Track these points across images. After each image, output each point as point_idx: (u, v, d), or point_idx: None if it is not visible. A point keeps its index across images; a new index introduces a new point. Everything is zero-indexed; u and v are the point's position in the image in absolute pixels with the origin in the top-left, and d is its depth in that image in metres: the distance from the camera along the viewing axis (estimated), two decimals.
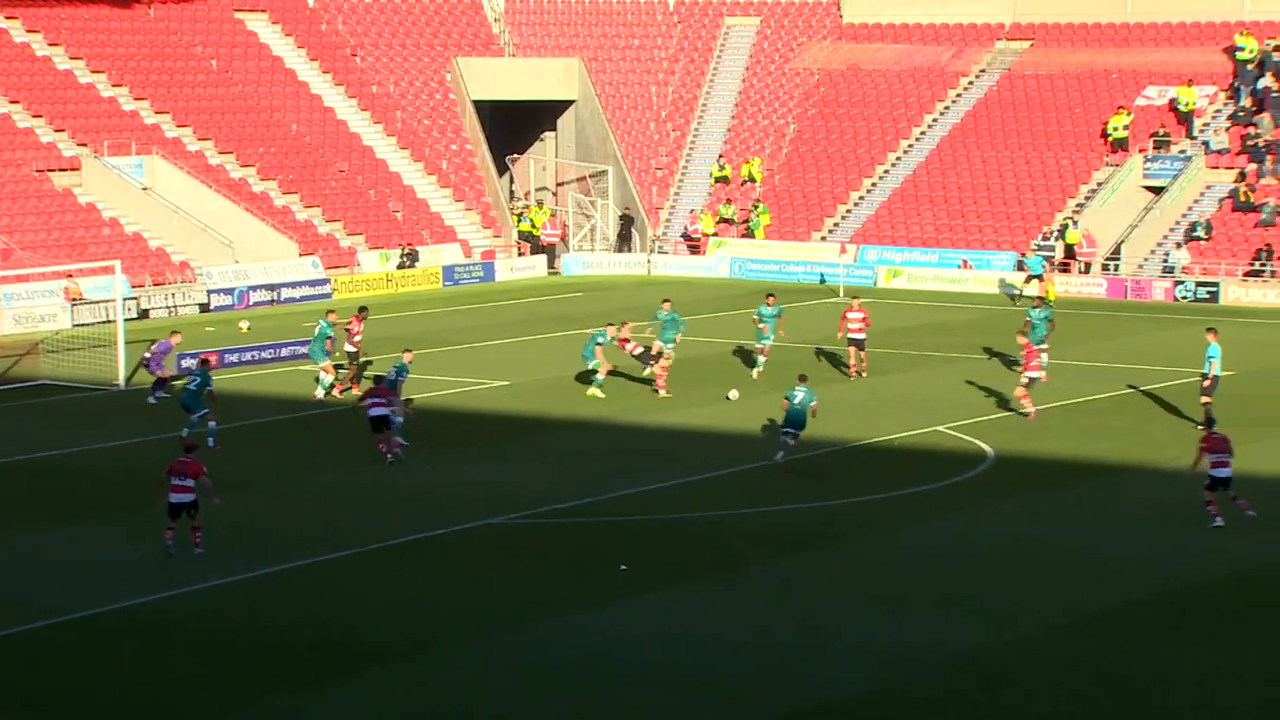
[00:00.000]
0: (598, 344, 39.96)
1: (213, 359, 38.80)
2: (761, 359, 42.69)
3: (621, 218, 68.62)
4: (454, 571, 26.66)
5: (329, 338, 39.50)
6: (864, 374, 42.13)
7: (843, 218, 66.55)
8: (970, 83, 69.98)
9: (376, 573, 26.62)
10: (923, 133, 68.75)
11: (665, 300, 43.55)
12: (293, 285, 57.35)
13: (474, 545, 28.17)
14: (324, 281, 58.48)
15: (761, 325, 42.68)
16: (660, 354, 40.85)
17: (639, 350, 41.27)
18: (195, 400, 34.90)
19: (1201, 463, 28.89)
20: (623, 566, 26.52)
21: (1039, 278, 56.90)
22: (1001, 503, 30.56)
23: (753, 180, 68.91)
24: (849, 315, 42.27)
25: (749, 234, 66.56)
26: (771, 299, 43.23)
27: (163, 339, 40.45)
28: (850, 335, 42.25)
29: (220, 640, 23.33)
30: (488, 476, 32.84)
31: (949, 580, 26.09)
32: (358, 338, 40.53)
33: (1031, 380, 37.70)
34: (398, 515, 29.85)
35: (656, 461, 33.93)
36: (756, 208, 66.91)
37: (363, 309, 42.02)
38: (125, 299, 49.11)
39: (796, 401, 33.01)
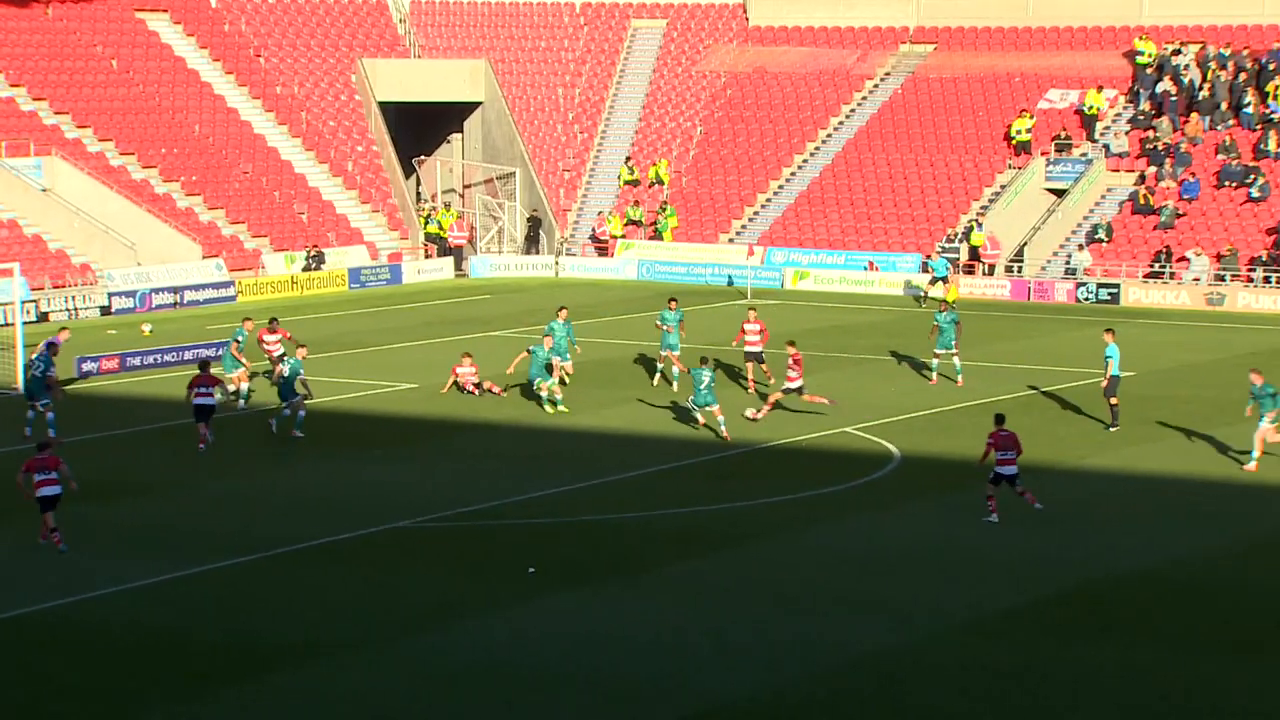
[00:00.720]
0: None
1: (60, 339, 37.62)
2: (668, 368, 41.23)
3: (529, 220, 68.28)
4: (357, 575, 26.24)
5: (236, 341, 38.81)
6: (769, 382, 40.38)
7: (750, 220, 66.52)
8: (875, 85, 70.19)
9: (278, 577, 26.15)
10: (829, 135, 68.87)
11: (562, 308, 42.49)
12: (196, 288, 56.62)
13: (379, 548, 27.76)
14: (228, 284, 57.78)
15: (666, 328, 41.62)
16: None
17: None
18: (40, 387, 34.32)
19: (990, 457, 29.11)
20: (529, 569, 26.23)
21: (944, 280, 57.09)
22: (909, 504, 30.50)
23: (660, 182, 68.77)
24: (746, 327, 40.66)
25: (657, 236, 66.40)
26: (674, 303, 42.06)
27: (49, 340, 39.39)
28: (747, 348, 40.46)
29: (112, 648, 22.79)
30: (395, 479, 32.43)
31: (855, 581, 25.97)
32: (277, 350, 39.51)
33: (787, 391, 37.19)
34: (302, 519, 29.38)
35: (564, 464, 33.65)
36: (664, 210, 66.76)
37: (273, 320, 41.38)
38: (24, 301, 48.22)
39: (703, 385, 35.03)
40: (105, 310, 53.92)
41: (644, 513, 30.10)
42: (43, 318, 51.90)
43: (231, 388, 38.04)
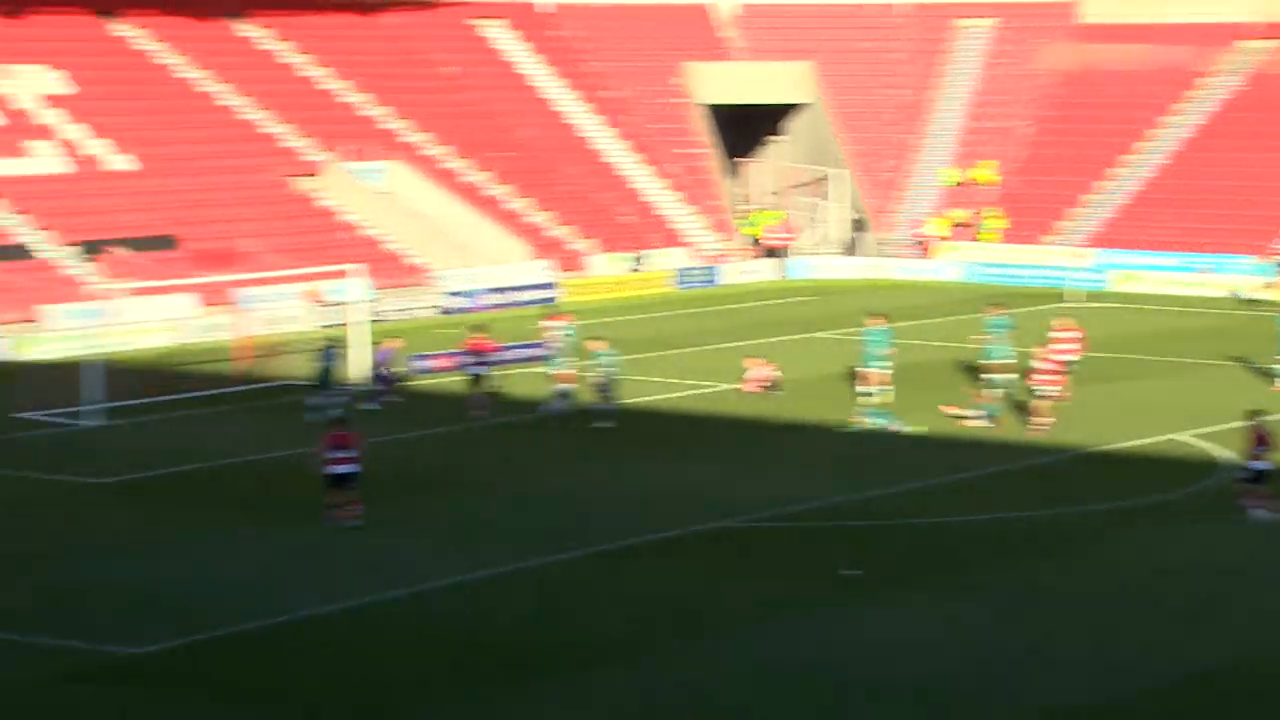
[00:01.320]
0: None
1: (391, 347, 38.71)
2: (1001, 377, 37.82)
3: (851, 221, 68.00)
4: (685, 573, 26.48)
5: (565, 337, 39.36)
6: (1066, 398, 37.00)
7: (1077, 221, 65.07)
8: (1212, 83, 67.94)
9: (603, 574, 26.56)
10: (1162, 134, 66.93)
11: (874, 314, 40.06)
12: (523, 289, 57.84)
13: (706, 547, 27.97)
14: (555, 285, 58.87)
15: (990, 336, 40.02)
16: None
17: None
18: (327, 379, 35.91)
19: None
20: (857, 571, 26.14)
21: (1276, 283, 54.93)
22: (1242, 513, 29.46)
23: (985, 183, 67.76)
24: (1060, 334, 38.54)
25: (980, 237, 65.44)
26: (998, 309, 40.45)
27: (384, 345, 40.77)
28: (1060, 357, 37.75)
29: (440, 641, 23.42)
30: (716, 479, 32.65)
31: (1183, 591, 25.21)
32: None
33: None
34: (626, 518, 29.77)
35: (885, 466, 33.42)
36: (988, 211, 65.76)
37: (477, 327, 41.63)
38: (364, 301, 49.95)
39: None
40: (439, 310, 55.47)
41: (965, 516, 29.72)
42: (380, 317, 53.56)
43: (563, 387, 38.43)
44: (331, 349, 38.57)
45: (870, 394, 36.94)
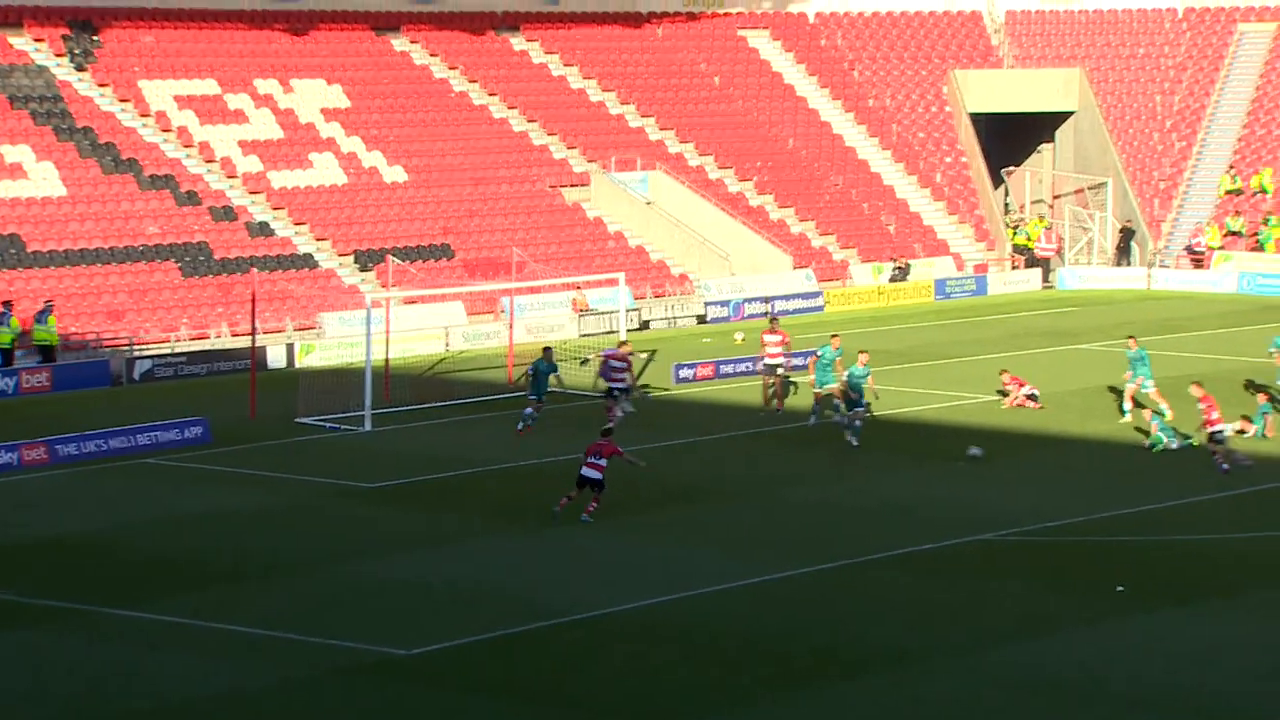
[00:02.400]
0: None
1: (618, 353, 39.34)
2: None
3: (1121, 231, 66.79)
4: (945, 585, 26.54)
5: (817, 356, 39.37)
6: None
7: None
8: None
9: (869, 583, 26.73)
10: None
11: (1130, 336, 40.02)
12: (786, 298, 58.09)
13: (964, 560, 27.98)
14: (817, 294, 59.02)
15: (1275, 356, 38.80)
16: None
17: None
18: (543, 384, 37.15)
19: None
20: (1119, 587, 25.91)
21: None
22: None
23: (1264, 192, 66.00)
24: None
25: (1258, 247, 63.77)
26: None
27: (609, 348, 41.08)
28: None
29: (713, 646, 23.85)
30: (979, 491, 32.55)
31: None
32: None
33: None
34: (886, 529, 29.89)
35: (1148, 480, 32.94)
36: (1267, 220, 64.05)
37: (774, 319, 41.85)
38: (628, 310, 50.73)
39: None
40: (701, 319, 56.05)
41: (1234, 534, 29.17)
42: (644, 326, 54.41)
43: (837, 401, 38.08)
44: (541, 360, 39.01)
45: (1163, 412, 36.52)
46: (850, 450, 35.99)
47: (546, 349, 40.30)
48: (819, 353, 38.48)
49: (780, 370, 39.36)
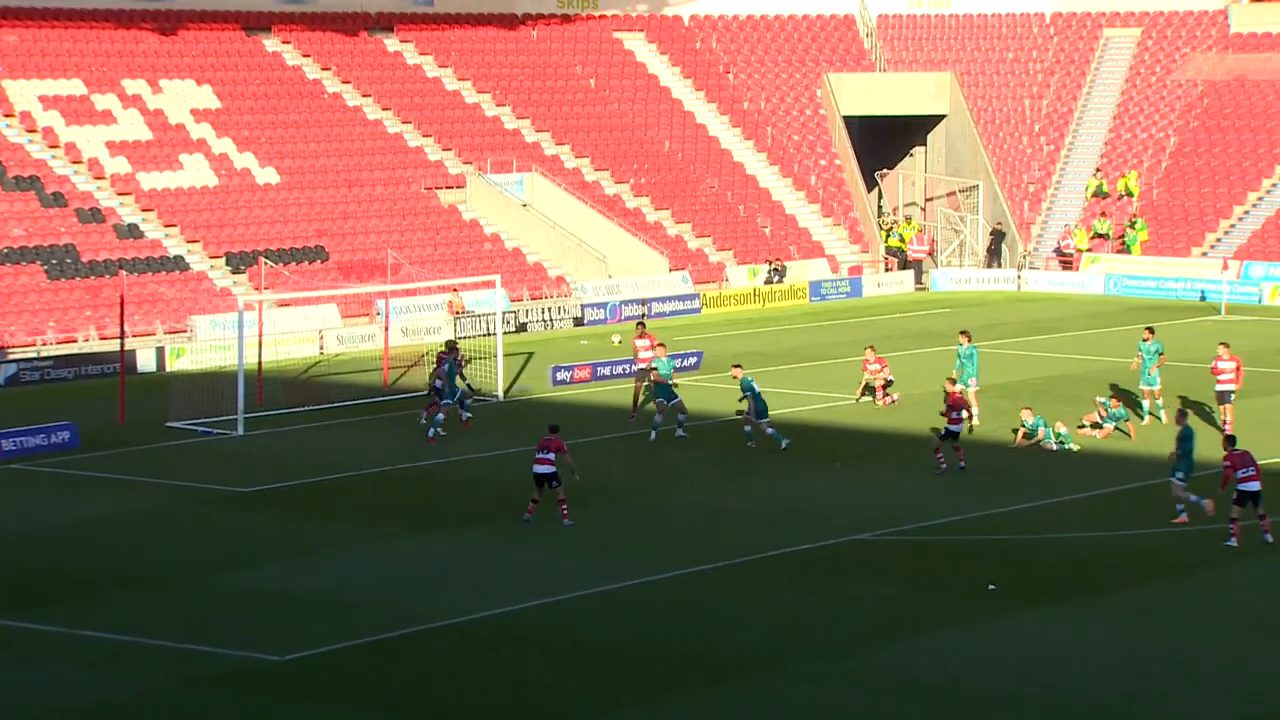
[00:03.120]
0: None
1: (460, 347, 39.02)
2: (1149, 403, 38.46)
3: (992, 233, 67.59)
4: (816, 587, 26.65)
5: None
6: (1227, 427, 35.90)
7: (1225, 233, 64.19)
8: None
9: (738, 587, 26.79)
10: None
11: (963, 333, 40.58)
12: (663, 300, 58.21)
13: (838, 561, 28.11)
14: (693, 296, 59.19)
15: (1143, 361, 39.10)
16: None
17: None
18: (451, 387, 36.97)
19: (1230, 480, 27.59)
20: (990, 586, 26.16)
21: None
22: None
23: (1129, 194, 67.07)
24: (1219, 365, 37.24)
25: (1125, 249, 64.80)
26: (1150, 334, 39.38)
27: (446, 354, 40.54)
28: (1219, 387, 37.32)
29: (579, 651, 23.79)
30: (854, 493, 32.76)
31: None
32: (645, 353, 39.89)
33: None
34: (762, 530, 29.98)
35: (1024, 481, 33.33)
36: (1133, 223, 65.10)
37: (641, 324, 41.95)
38: (505, 312, 50.58)
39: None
40: (578, 321, 56.00)
41: (1106, 532, 29.56)
42: (521, 328, 54.30)
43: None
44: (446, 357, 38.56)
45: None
46: (730, 452, 36.03)
47: (452, 344, 39.27)
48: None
49: (653, 375, 39.14)
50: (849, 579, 27.07)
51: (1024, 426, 36.40)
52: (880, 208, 71.09)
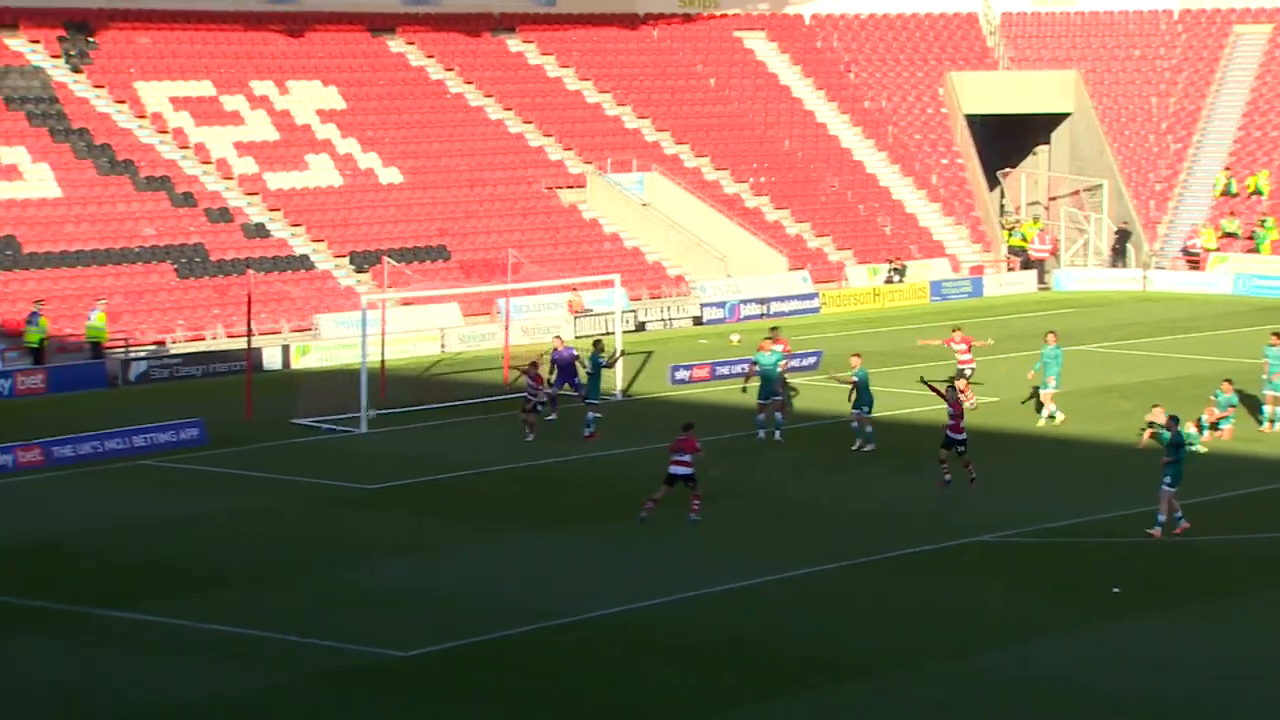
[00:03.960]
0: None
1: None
2: (1271, 409, 37.80)
3: (1117, 232, 66.75)
4: (937, 588, 26.49)
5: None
6: None
7: None
8: None
9: (860, 587, 26.68)
10: None
11: (1050, 333, 40.14)
12: (782, 299, 58.04)
13: (958, 562, 27.92)
14: (813, 295, 58.97)
15: (1270, 367, 37.74)
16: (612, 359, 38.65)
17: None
18: (595, 387, 37.08)
19: None
20: (1115, 589, 25.87)
21: None
22: None
23: (1259, 193, 65.95)
24: None
25: (1254, 249, 63.72)
26: (1277, 339, 38.59)
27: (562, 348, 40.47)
28: None
29: (699, 650, 23.80)
30: (977, 493, 32.48)
31: None
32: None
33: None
34: (883, 530, 29.86)
35: (1147, 483, 32.87)
36: (1263, 223, 64.00)
37: (774, 329, 40.82)
38: (624, 311, 50.67)
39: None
40: (697, 320, 55.98)
41: (1231, 536, 29.10)
42: (640, 327, 54.36)
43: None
44: (597, 353, 38.53)
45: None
46: (848, 452, 35.88)
47: (597, 342, 39.34)
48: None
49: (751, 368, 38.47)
50: (971, 580, 26.88)
51: (1151, 427, 35.84)
52: (1002, 207, 70.42)
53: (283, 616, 25.06)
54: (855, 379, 36.24)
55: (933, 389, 33.43)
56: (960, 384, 37.37)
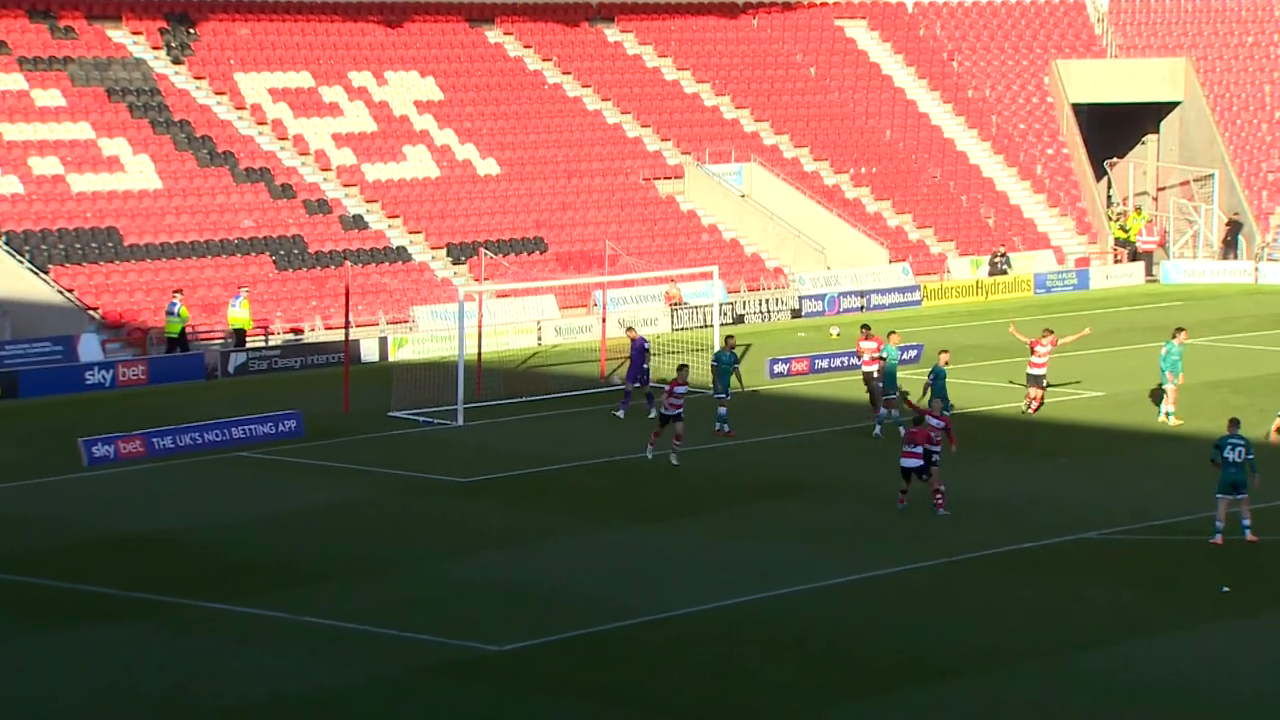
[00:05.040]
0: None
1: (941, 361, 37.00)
2: None
3: (1228, 224, 65.97)
4: (1040, 585, 26.37)
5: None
6: None
7: None
8: None
9: (960, 584, 26.61)
10: None
11: (1180, 330, 39.52)
12: (883, 292, 57.83)
13: (1062, 559, 27.77)
14: (914, 288, 58.72)
15: None
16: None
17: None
18: (726, 379, 36.53)
19: None
20: (1224, 588, 25.63)
21: None
22: None
23: None
24: None
25: None
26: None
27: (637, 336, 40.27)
28: None
29: (798, 646, 23.83)
30: (1082, 489, 32.30)
31: None
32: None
33: None
34: (985, 526, 29.74)
35: (1263, 479, 32.50)
36: None
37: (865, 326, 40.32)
38: (722, 304, 50.70)
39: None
40: (795, 313, 55.91)
41: None
42: (738, 319, 54.34)
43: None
44: (723, 350, 38.22)
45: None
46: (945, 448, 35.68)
47: (728, 338, 39.53)
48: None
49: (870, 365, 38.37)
50: (1075, 577, 26.74)
51: None
52: (1109, 198, 69.79)
53: (381, 609, 25.32)
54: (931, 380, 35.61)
55: (912, 406, 32.95)
56: (1033, 393, 36.99)
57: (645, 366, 39.32)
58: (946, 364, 36.51)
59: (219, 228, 51.99)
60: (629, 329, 41.61)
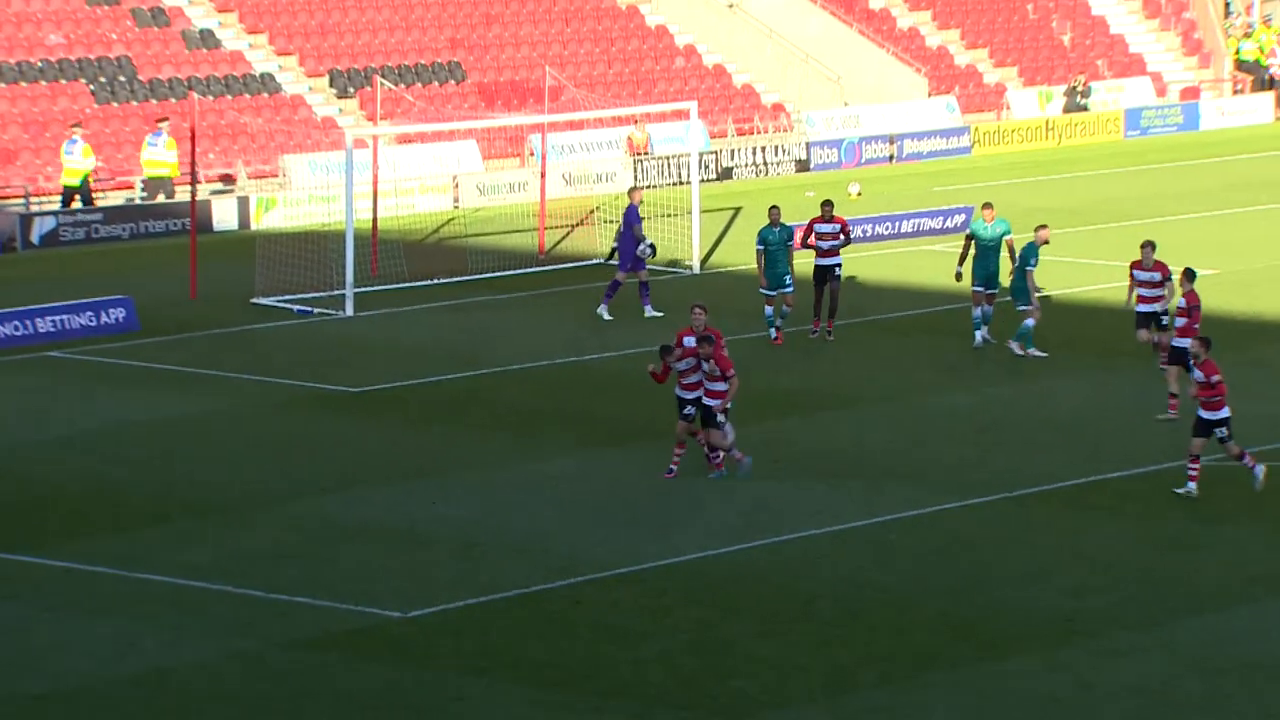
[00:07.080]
0: None
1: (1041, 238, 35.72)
2: None
3: None
4: (1130, 529, 26.57)
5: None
6: None
7: None
8: None
9: (1022, 527, 26.77)
10: None
11: None
12: (919, 136, 57.87)
13: (1156, 497, 27.92)
14: (962, 131, 58.77)
15: None
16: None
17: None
18: (781, 264, 36.25)
19: None
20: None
21: None
22: None
23: None
24: None
25: None
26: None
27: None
28: None
29: (797, 615, 23.98)
30: (1185, 400, 32.41)
31: None
32: None
33: None
34: (1053, 451, 29.96)
35: None
36: None
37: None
38: (702, 153, 50.61)
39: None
40: (802, 165, 55.90)
41: None
42: (725, 175, 54.28)
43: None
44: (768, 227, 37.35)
45: None
46: (993, 348, 35.84)
47: (773, 208, 37.41)
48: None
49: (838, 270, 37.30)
50: (1172, 519, 26.88)
51: None
52: (1228, 7, 69.86)
53: (240, 563, 25.34)
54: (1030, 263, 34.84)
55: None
56: (1158, 337, 34.09)
57: (645, 246, 38.08)
58: (1045, 242, 35.60)
59: (14, 46, 51.59)
60: (632, 189, 40.27)
